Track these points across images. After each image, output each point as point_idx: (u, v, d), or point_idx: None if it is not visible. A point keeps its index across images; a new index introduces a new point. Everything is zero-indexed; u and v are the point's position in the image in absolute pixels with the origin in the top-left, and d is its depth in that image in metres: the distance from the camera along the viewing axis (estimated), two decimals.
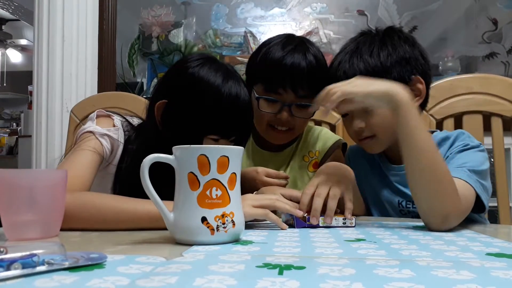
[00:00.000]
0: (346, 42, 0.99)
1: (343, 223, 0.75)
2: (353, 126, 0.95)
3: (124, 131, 0.94)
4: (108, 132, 0.89)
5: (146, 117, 0.94)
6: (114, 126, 0.92)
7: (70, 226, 0.75)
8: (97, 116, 0.93)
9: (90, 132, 0.88)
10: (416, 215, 0.96)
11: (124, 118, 0.97)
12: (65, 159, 0.85)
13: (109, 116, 0.94)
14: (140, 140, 0.93)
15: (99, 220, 0.72)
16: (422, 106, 0.96)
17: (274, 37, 1.09)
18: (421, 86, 0.93)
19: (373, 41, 0.94)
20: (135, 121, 1.00)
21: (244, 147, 0.96)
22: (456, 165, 0.82)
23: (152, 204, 0.58)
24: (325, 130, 1.21)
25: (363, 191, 1.01)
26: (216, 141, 0.88)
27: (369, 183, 1.02)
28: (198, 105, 0.86)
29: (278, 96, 1.03)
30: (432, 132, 1.00)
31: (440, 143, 0.93)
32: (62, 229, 0.75)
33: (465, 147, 0.87)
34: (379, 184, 1.02)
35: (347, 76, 0.90)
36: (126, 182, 0.89)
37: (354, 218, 0.76)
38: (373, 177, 1.02)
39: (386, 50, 0.92)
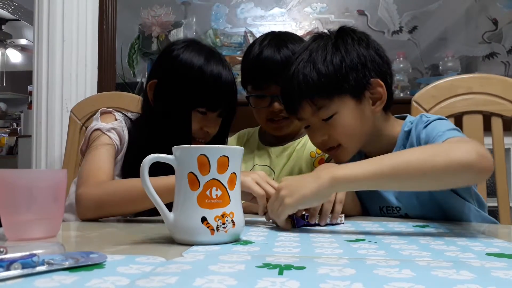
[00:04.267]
0: (299, 49, 0.94)
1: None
2: (316, 138, 0.92)
3: (126, 124, 1.04)
4: (112, 126, 0.99)
5: (143, 97, 1.06)
6: (116, 120, 1.03)
7: (104, 214, 0.84)
8: (101, 114, 1.03)
9: (98, 129, 0.99)
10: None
11: (124, 114, 1.07)
12: (84, 160, 0.95)
13: (110, 112, 1.05)
14: (138, 123, 1.05)
15: (129, 202, 0.80)
16: (386, 108, 0.93)
17: (258, 37, 1.16)
18: (381, 90, 0.89)
19: (326, 46, 0.89)
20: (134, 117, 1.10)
21: (232, 122, 1.08)
22: (434, 135, 0.80)
23: (171, 178, 0.59)
24: None
25: None
26: (204, 114, 0.99)
27: None
28: (183, 83, 0.96)
29: (264, 91, 1.10)
30: (404, 117, 0.97)
31: (407, 137, 0.91)
32: (97, 219, 0.84)
33: (428, 122, 0.85)
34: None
35: (300, 88, 0.87)
36: (131, 164, 0.98)
37: (343, 216, 0.78)
38: None
39: (340, 56, 0.87)
